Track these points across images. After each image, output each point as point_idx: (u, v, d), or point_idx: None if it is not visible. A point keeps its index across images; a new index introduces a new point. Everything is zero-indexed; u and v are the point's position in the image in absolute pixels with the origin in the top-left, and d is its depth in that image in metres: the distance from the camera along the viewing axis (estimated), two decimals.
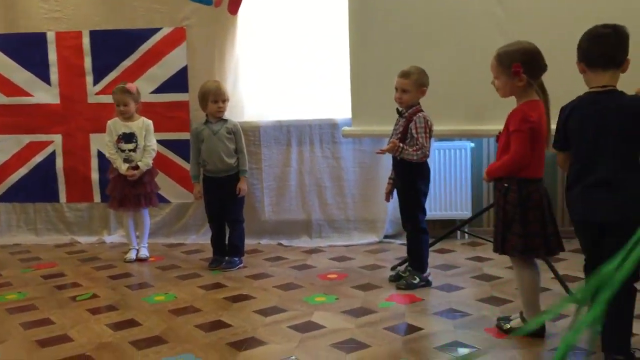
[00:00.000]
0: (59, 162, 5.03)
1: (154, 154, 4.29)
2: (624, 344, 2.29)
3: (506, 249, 2.67)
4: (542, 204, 2.61)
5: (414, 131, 3.38)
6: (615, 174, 2.29)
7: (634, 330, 2.36)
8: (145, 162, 4.24)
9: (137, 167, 4.21)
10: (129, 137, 4.26)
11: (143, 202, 4.29)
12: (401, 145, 3.38)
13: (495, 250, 2.73)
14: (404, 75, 3.41)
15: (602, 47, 2.30)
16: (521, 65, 2.56)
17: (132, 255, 4.34)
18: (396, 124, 3.53)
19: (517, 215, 2.60)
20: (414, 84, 3.39)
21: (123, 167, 4.22)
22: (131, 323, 3.05)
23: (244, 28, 4.75)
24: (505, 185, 2.64)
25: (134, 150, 4.25)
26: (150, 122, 4.33)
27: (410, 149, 3.37)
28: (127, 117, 4.27)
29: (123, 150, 4.26)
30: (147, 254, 4.37)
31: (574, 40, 2.43)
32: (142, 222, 4.40)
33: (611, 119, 2.29)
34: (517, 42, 2.66)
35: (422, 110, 3.43)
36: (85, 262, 4.36)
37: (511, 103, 2.70)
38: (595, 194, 2.30)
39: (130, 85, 4.25)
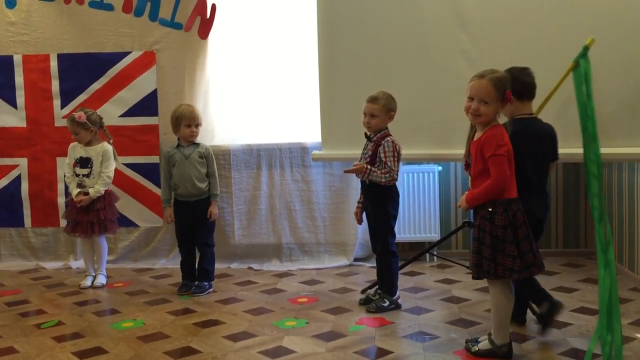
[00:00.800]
0: (25, 186, 4.95)
1: (108, 181, 4.21)
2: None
3: (499, 273, 2.60)
4: (525, 222, 2.64)
5: (382, 155, 3.43)
6: (543, 185, 2.96)
7: None
8: (96, 189, 4.15)
9: (87, 194, 4.16)
10: (84, 162, 4.21)
11: (97, 229, 4.21)
12: (369, 167, 3.42)
13: (483, 277, 2.64)
14: (373, 100, 3.46)
15: (527, 84, 2.93)
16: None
17: (87, 282, 4.26)
18: (365, 148, 3.57)
19: (508, 237, 2.59)
20: (382, 109, 3.45)
21: (74, 192, 4.18)
22: (98, 351, 2.99)
23: (214, 52, 4.78)
24: (490, 210, 2.62)
25: (87, 175, 4.19)
26: (109, 148, 4.25)
27: (379, 172, 3.42)
28: (84, 143, 4.23)
29: (78, 175, 4.22)
30: (103, 282, 4.29)
31: (534, 65, 3.01)
32: (99, 250, 4.32)
33: (540, 141, 2.91)
34: (494, 69, 2.67)
35: (390, 135, 3.49)
36: (50, 288, 4.27)
37: None
38: (538, 199, 2.91)
39: (80, 115, 4.15)
